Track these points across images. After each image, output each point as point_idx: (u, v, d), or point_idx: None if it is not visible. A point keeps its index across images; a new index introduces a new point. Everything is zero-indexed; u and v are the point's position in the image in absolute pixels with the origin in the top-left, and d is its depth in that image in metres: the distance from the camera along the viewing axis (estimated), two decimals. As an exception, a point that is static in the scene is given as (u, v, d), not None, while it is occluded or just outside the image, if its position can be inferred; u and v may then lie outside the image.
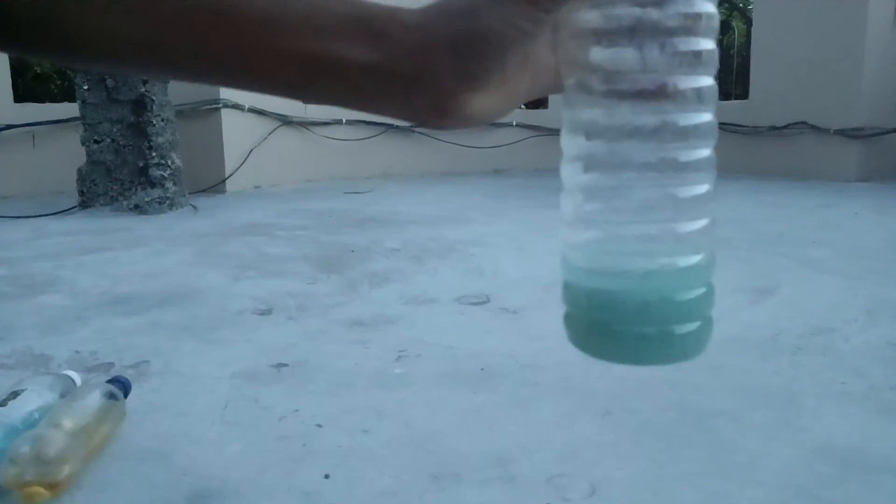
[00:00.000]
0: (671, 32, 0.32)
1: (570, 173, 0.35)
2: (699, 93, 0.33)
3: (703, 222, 0.35)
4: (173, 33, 0.29)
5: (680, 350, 0.35)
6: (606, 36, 0.32)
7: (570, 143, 0.35)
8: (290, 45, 0.30)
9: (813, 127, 5.80)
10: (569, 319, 0.37)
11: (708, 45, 0.33)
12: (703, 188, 0.34)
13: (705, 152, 0.34)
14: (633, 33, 0.31)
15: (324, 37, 0.30)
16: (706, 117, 0.34)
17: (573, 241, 0.36)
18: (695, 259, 0.35)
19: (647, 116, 0.32)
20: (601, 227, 0.35)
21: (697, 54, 0.32)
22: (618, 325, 0.35)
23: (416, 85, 0.32)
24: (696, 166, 0.34)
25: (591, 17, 0.32)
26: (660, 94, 0.32)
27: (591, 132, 0.34)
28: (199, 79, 0.31)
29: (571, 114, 0.35)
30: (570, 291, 0.37)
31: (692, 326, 0.35)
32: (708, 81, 0.33)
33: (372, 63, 0.31)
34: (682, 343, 0.35)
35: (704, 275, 0.35)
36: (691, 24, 0.32)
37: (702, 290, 0.35)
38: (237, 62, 0.30)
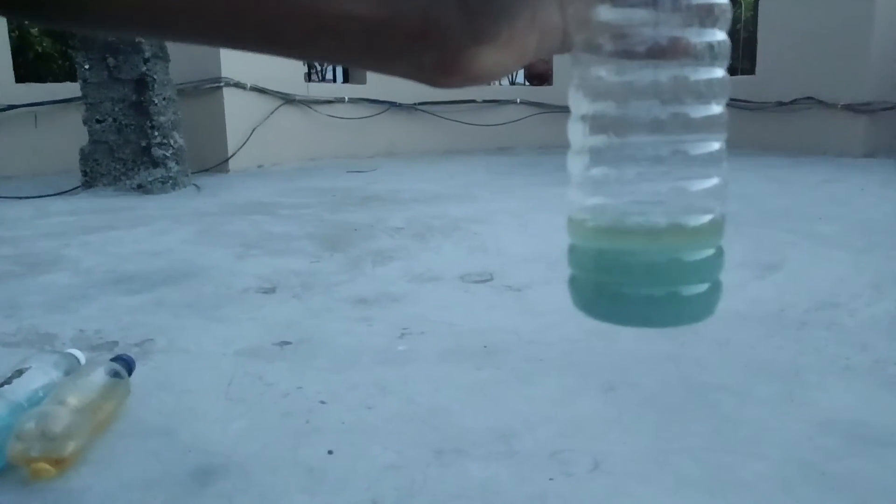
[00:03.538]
0: None
1: (579, 133, 0.34)
2: (712, 48, 0.32)
3: (713, 181, 0.34)
4: None
5: (688, 312, 0.34)
6: None
7: (580, 103, 0.34)
8: (292, 2, 0.29)
9: (820, 102, 5.75)
10: (575, 283, 0.36)
11: None
12: (715, 146, 0.34)
13: (717, 109, 0.33)
14: None
15: None
16: (718, 73, 0.33)
17: (581, 202, 0.35)
18: (704, 219, 0.34)
19: (659, 73, 0.32)
20: (609, 187, 0.34)
21: (710, 8, 0.31)
22: (625, 286, 0.34)
23: (424, 42, 0.30)
24: (707, 123, 0.33)
25: None
26: (672, 50, 0.31)
27: (601, 91, 0.33)
28: (200, 39, 0.31)
29: (581, 73, 0.34)
30: (576, 254, 0.36)
31: (701, 288, 0.34)
32: (721, 36, 0.32)
33: (377, 19, 0.30)
34: (691, 305, 0.34)
35: (714, 236, 0.35)
36: None
37: (711, 252, 0.34)
38: (238, 22, 0.29)
